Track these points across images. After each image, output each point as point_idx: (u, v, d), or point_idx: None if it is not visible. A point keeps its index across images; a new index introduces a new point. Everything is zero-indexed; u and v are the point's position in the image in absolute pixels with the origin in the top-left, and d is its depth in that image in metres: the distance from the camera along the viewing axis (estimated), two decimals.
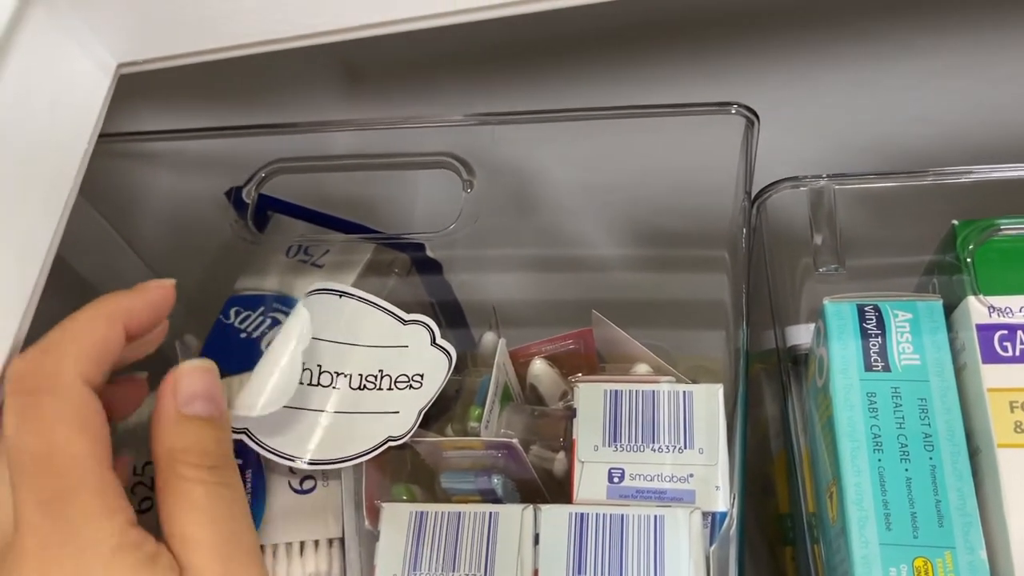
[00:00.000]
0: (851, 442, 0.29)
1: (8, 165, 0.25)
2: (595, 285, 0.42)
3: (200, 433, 0.25)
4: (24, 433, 0.23)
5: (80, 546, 0.22)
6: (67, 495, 0.23)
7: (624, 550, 0.28)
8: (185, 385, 0.25)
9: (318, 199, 0.42)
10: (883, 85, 0.45)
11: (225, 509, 0.24)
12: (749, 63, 0.45)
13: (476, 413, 0.32)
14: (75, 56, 0.28)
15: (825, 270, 0.31)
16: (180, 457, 0.24)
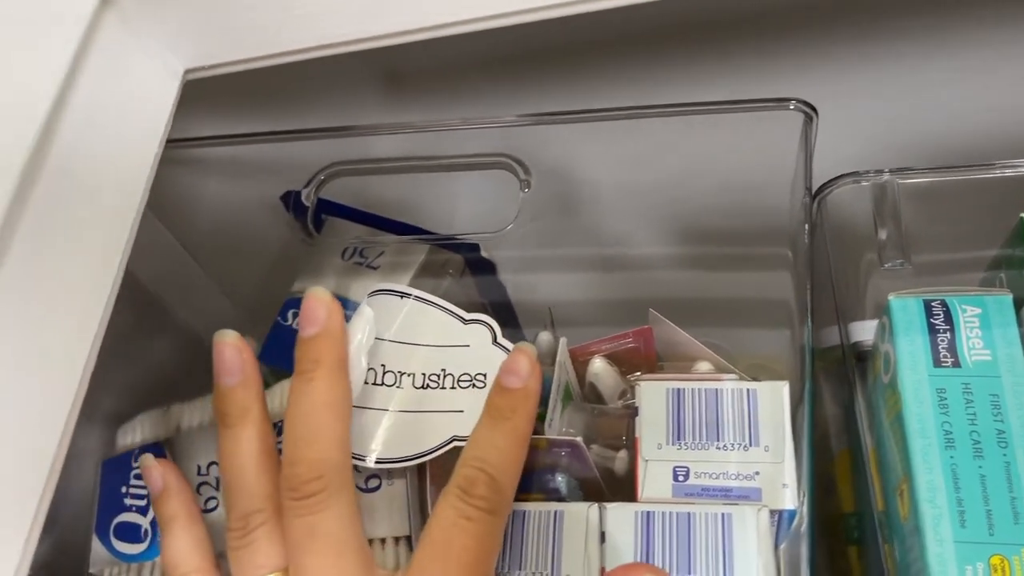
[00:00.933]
0: (922, 439, 0.28)
1: (84, 171, 0.25)
2: (649, 285, 0.42)
3: None
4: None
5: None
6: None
7: (692, 548, 0.28)
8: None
9: (366, 206, 0.42)
10: (933, 79, 0.44)
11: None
12: (789, 61, 0.45)
13: (539, 412, 0.32)
14: (145, 62, 0.28)
15: (891, 265, 0.31)
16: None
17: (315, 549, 0.26)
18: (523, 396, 0.29)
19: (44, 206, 0.23)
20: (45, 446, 0.24)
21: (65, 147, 0.24)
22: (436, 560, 0.26)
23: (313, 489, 0.26)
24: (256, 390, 0.30)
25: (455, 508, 0.26)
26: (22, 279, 0.23)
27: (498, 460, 0.27)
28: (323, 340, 0.28)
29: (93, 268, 0.26)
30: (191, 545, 0.30)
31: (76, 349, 0.25)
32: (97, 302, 0.26)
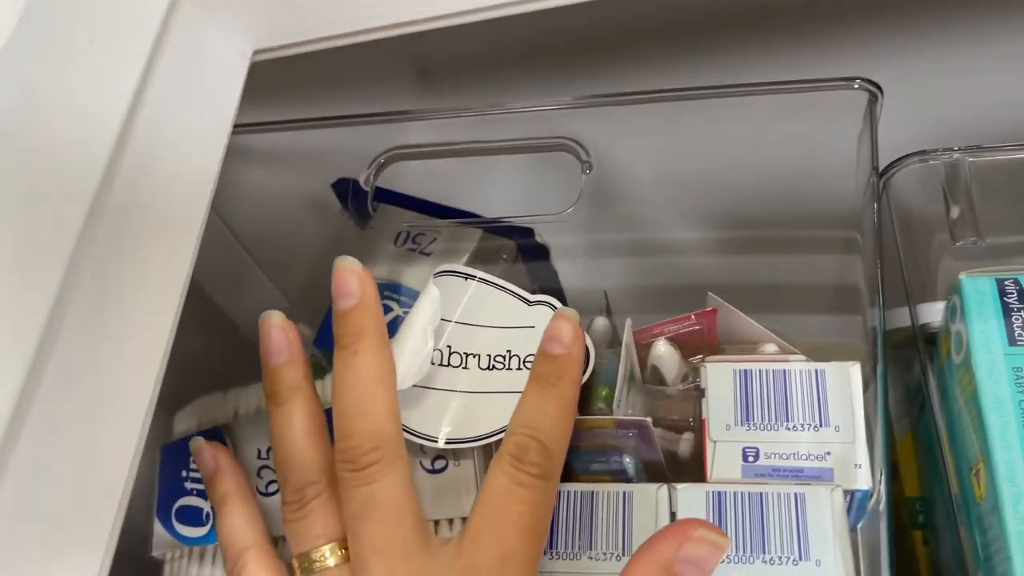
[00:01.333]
0: (999, 418, 0.28)
1: (168, 150, 0.26)
2: (704, 271, 0.42)
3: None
4: None
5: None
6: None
7: (765, 528, 0.28)
8: (693, 548, 0.25)
9: (414, 192, 0.42)
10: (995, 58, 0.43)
11: None
12: (851, 40, 0.44)
13: (604, 393, 0.31)
14: (218, 43, 0.28)
15: (963, 243, 0.31)
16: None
17: (374, 517, 0.26)
18: (568, 362, 0.29)
19: (128, 186, 0.24)
20: (125, 447, 0.24)
21: (148, 124, 0.25)
22: (491, 526, 0.26)
23: (370, 460, 0.26)
24: (304, 368, 0.30)
25: (508, 475, 0.27)
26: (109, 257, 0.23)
27: (547, 426, 0.28)
28: (361, 311, 0.28)
29: (170, 253, 0.27)
30: (246, 522, 0.31)
31: (159, 329, 0.25)
32: (174, 288, 0.26)
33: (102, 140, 0.21)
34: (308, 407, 0.30)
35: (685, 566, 0.25)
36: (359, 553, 0.26)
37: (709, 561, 0.25)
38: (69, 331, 0.21)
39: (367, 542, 0.26)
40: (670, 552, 0.25)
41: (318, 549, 0.28)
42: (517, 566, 0.25)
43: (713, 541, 0.25)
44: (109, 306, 0.23)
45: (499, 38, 0.51)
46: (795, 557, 0.27)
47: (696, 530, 0.25)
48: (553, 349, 0.29)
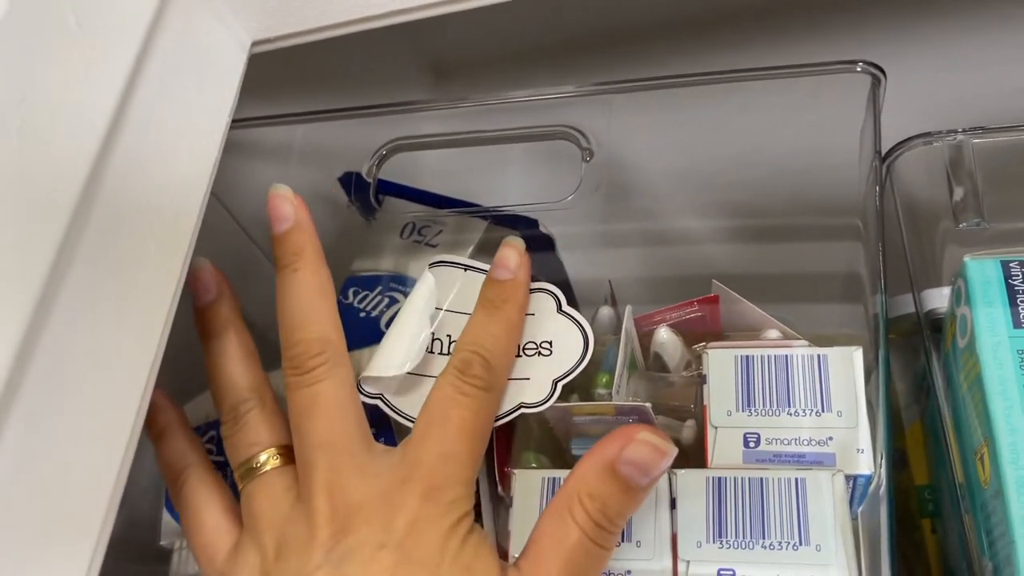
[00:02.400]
0: (1003, 400, 0.28)
1: (162, 142, 0.26)
2: (709, 260, 0.42)
3: (614, 493, 0.26)
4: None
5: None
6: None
7: (765, 513, 0.28)
8: (633, 449, 0.26)
9: (419, 185, 0.42)
10: (1000, 43, 0.43)
11: (584, 563, 0.26)
12: (851, 24, 0.44)
13: (604, 380, 0.31)
14: (216, 33, 0.28)
15: (967, 225, 0.30)
16: (584, 500, 0.26)
17: (317, 414, 0.27)
18: (513, 286, 0.31)
19: (120, 177, 0.24)
20: (117, 436, 0.24)
21: (141, 114, 0.25)
22: (434, 428, 0.27)
23: (315, 363, 0.28)
24: (233, 304, 0.33)
25: (452, 385, 0.28)
26: (100, 249, 0.23)
27: (492, 344, 0.29)
28: (297, 232, 0.31)
29: (167, 237, 0.27)
30: (186, 446, 0.32)
31: (152, 319, 0.25)
32: (170, 273, 0.27)
33: (91, 130, 0.22)
34: (239, 337, 0.31)
35: (627, 467, 0.26)
36: (303, 450, 0.27)
37: (652, 463, 0.26)
38: (58, 320, 0.21)
39: (311, 438, 0.27)
40: (613, 453, 0.26)
41: (255, 456, 0.29)
42: (457, 463, 0.27)
43: (655, 444, 0.26)
44: (101, 297, 0.23)
45: (513, 36, 0.51)
46: (795, 542, 0.27)
47: (639, 433, 0.26)
48: (500, 275, 0.31)
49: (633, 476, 0.26)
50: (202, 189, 0.28)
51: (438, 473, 0.26)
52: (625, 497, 0.26)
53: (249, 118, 0.43)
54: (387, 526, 0.25)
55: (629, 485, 0.26)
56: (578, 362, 0.30)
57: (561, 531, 0.26)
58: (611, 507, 0.26)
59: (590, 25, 0.50)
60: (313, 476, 0.27)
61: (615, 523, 0.26)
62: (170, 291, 0.26)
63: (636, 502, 0.26)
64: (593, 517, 0.25)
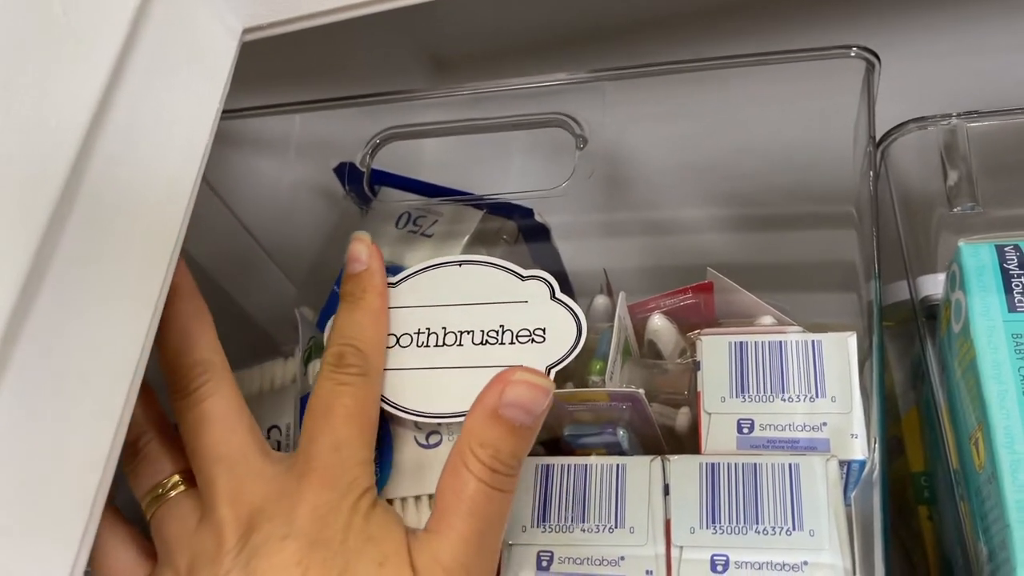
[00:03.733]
0: (998, 384, 0.27)
1: (150, 131, 0.26)
2: (705, 249, 0.42)
3: (503, 436, 0.26)
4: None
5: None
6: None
7: (759, 499, 0.28)
8: (512, 390, 0.27)
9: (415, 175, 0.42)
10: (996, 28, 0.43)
11: (487, 509, 0.26)
12: (846, 9, 0.43)
13: (598, 367, 0.31)
14: (205, 20, 0.28)
15: (961, 209, 0.30)
16: (475, 449, 0.26)
17: (208, 430, 0.28)
18: (368, 276, 0.32)
19: (106, 166, 0.24)
20: (105, 428, 0.24)
21: (128, 103, 0.25)
22: (320, 422, 0.28)
23: (198, 383, 0.28)
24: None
25: (330, 379, 0.29)
26: (85, 240, 0.23)
27: (359, 333, 0.31)
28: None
29: (154, 228, 0.27)
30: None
31: (139, 312, 0.25)
32: (158, 264, 0.26)
33: (77, 118, 0.21)
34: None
35: (509, 408, 0.26)
36: (201, 468, 0.28)
37: (532, 400, 0.26)
38: (42, 311, 0.21)
39: (206, 453, 0.28)
40: (494, 400, 0.26)
41: (160, 483, 0.29)
42: (348, 448, 0.28)
43: (532, 382, 0.27)
44: (86, 287, 0.23)
45: (513, 27, 0.51)
46: (788, 527, 0.27)
47: (515, 374, 0.27)
48: (354, 268, 0.33)
49: (517, 416, 0.26)
50: (191, 178, 0.28)
51: (332, 461, 0.27)
52: (514, 438, 0.26)
53: (245, 108, 0.43)
54: (290, 518, 0.26)
55: (514, 426, 0.26)
56: (571, 349, 0.30)
57: (459, 484, 0.26)
58: (502, 451, 0.26)
59: (589, 17, 0.50)
60: (214, 489, 0.27)
61: (509, 465, 0.26)
62: (158, 282, 0.26)
63: (526, 441, 0.27)
64: (487, 464, 0.26)
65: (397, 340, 0.32)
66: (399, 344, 0.32)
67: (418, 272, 0.34)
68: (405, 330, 0.32)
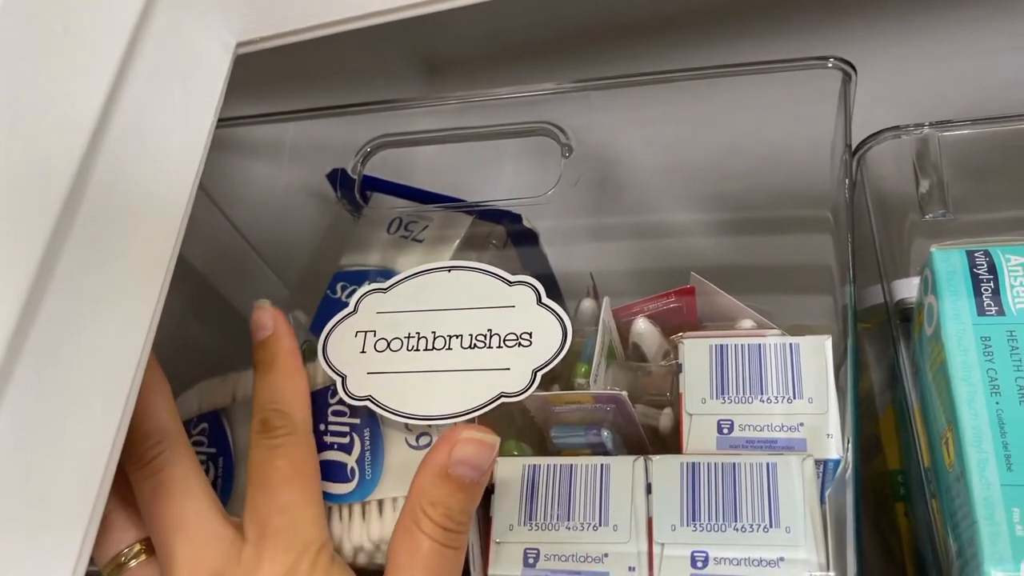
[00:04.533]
0: (967, 386, 0.28)
1: (146, 139, 0.27)
2: (690, 253, 0.43)
3: (452, 495, 0.27)
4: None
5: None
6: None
7: (738, 497, 0.29)
8: (460, 449, 0.28)
9: (407, 181, 0.43)
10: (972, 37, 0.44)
11: (440, 567, 0.27)
12: (827, 18, 0.44)
13: (583, 370, 0.32)
14: (200, 35, 0.29)
15: (933, 216, 0.31)
16: (427, 508, 0.27)
17: (163, 500, 0.29)
18: (275, 339, 0.33)
19: (107, 176, 0.25)
20: (105, 430, 0.25)
21: (127, 115, 0.25)
22: (262, 488, 0.29)
23: (154, 452, 0.29)
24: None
25: (261, 446, 0.30)
26: (88, 247, 0.24)
27: (280, 396, 0.31)
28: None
29: (153, 235, 0.27)
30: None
31: (139, 316, 0.26)
32: (157, 269, 0.27)
33: (79, 130, 0.22)
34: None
35: (459, 467, 0.27)
36: (159, 537, 0.28)
37: (480, 457, 0.27)
38: (47, 315, 0.21)
39: (165, 523, 0.28)
40: (443, 458, 0.27)
41: (121, 552, 0.30)
42: (294, 509, 0.29)
43: (478, 439, 0.28)
44: (89, 292, 0.24)
45: (506, 32, 0.52)
46: (766, 524, 0.28)
47: (462, 433, 0.28)
48: (259, 336, 0.33)
49: (466, 474, 0.27)
50: (188, 187, 0.29)
51: (282, 525, 0.28)
52: (464, 495, 0.27)
53: (238, 117, 0.44)
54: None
55: (464, 483, 0.27)
56: (556, 352, 0.31)
57: (413, 543, 0.27)
58: (453, 508, 0.27)
59: (578, 22, 0.51)
60: (173, 558, 0.28)
61: (460, 522, 0.27)
62: (157, 287, 0.27)
63: (475, 496, 0.28)
64: (439, 523, 0.27)
65: (388, 344, 0.33)
66: (390, 348, 0.33)
67: (409, 278, 0.35)
68: (396, 334, 0.33)
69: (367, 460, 0.32)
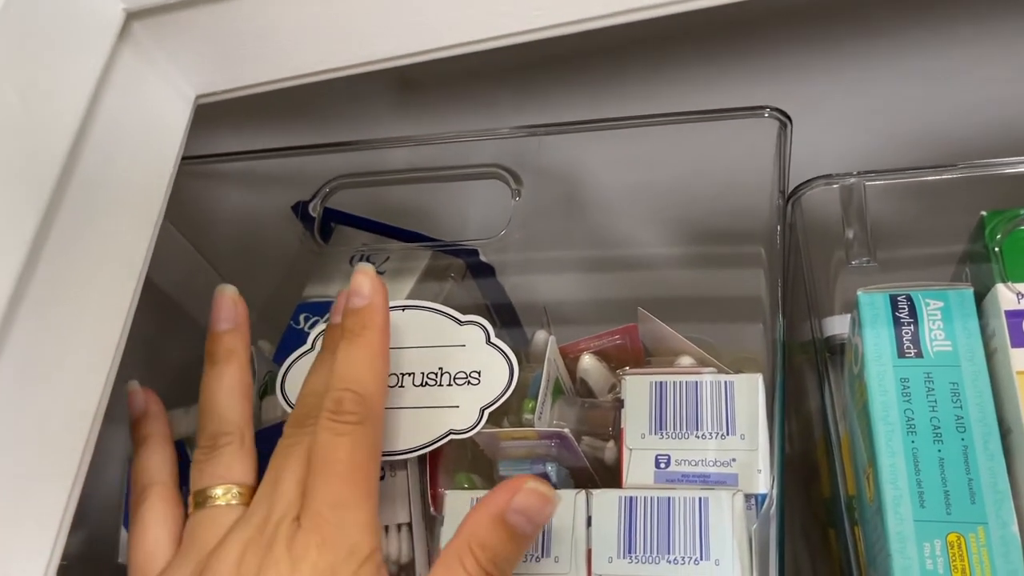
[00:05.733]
0: (885, 425, 0.30)
1: (108, 188, 0.28)
2: (640, 283, 0.44)
3: (505, 542, 0.27)
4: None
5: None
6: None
7: (671, 530, 0.30)
8: (522, 498, 0.27)
9: (376, 211, 0.45)
10: (923, 76, 0.46)
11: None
12: (787, 61, 0.46)
13: (530, 406, 0.34)
14: (160, 90, 0.31)
15: (857, 263, 0.33)
16: (475, 550, 0.27)
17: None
18: (370, 311, 0.31)
19: (71, 219, 0.26)
20: (74, 444, 0.26)
21: (89, 168, 0.27)
22: (319, 477, 0.27)
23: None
24: (244, 338, 0.33)
25: (328, 429, 0.28)
26: (51, 287, 0.25)
27: (358, 375, 0.29)
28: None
29: (116, 276, 0.29)
30: (160, 462, 0.33)
31: (101, 353, 0.27)
32: (120, 307, 0.29)
33: (41, 187, 0.24)
34: (240, 370, 0.32)
35: (516, 515, 0.27)
36: (312, 505, 0.27)
37: (539, 511, 0.27)
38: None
39: (319, 495, 0.27)
40: (503, 504, 0.27)
41: (217, 486, 0.30)
42: (347, 508, 0.27)
43: (541, 492, 0.28)
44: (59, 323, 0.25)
45: (481, 56, 0.53)
46: (696, 557, 0.30)
47: (527, 483, 0.28)
48: (355, 303, 0.31)
49: (521, 524, 0.27)
50: (150, 228, 0.30)
51: (331, 520, 0.27)
52: (513, 545, 0.27)
53: (204, 156, 0.45)
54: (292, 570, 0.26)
55: (516, 533, 0.27)
56: (503, 391, 0.33)
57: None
58: (500, 555, 0.27)
59: (548, 46, 0.52)
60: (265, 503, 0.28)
61: (503, 571, 0.27)
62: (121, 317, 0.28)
63: (522, 550, 0.28)
64: (484, 566, 0.26)
65: None
66: None
67: None
68: None
69: None
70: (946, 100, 0.46)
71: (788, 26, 0.44)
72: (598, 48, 0.50)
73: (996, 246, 0.32)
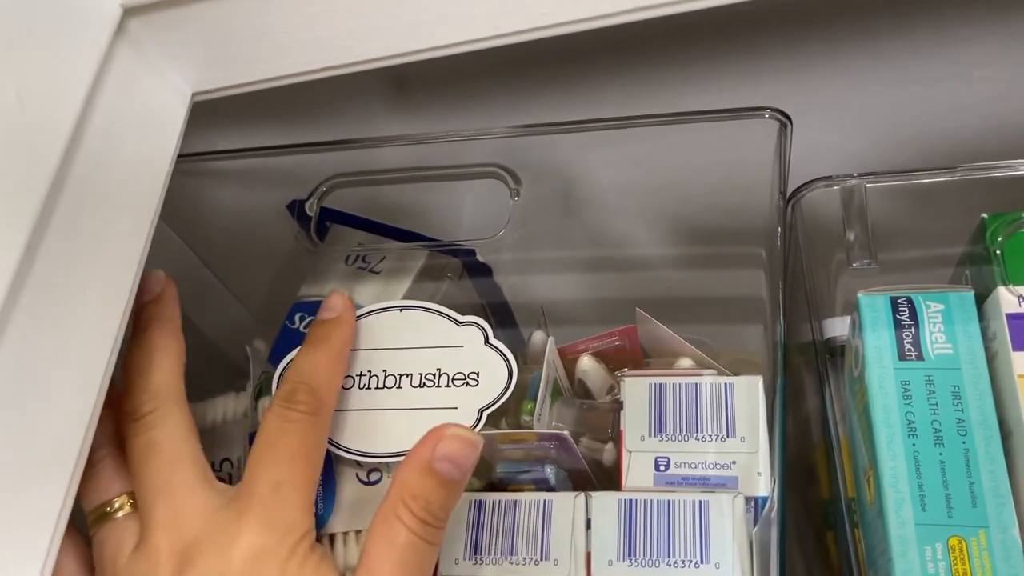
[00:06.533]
0: (886, 428, 0.30)
1: (104, 187, 0.28)
2: (639, 284, 0.44)
3: (434, 490, 0.28)
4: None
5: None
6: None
7: (671, 533, 0.30)
8: (445, 445, 0.28)
9: (373, 209, 0.44)
10: (923, 78, 0.46)
11: (415, 560, 0.27)
12: (788, 62, 0.46)
13: (528, 407, 0.34)
14: (156, 88, 0.30)
15: (858, 265, 0.33)
16: (407, 500, 0.28)
17: (151, 459, 0.29)
18: (336, 323, 0.33)
19: (67, 218, 0.26)
20: (69, 444, 0.26)
21: (86, 165, 0.27)
22: (263, 458, 0.29)
23: (147, 409, 0.29)
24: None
25: (278, 415, 0.30)
26: (48, 285, 0.25)
27: (314, 372, 0.31)
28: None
29: (113, 274, 0.29)
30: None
31: (98, 352, 0.27)
32: (117, 305, 0.29)
33: (37, 183, 0.23)
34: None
35: (443, 463, 0.28)
36: (143, 495, 0.29)
37: (465, 456, 0.28)
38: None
39: (149, 483, 0.29)
40: (429, 453, 0.28)
41: (108, 501, 0.30)
42: (290, 489, 0.28)
43: (464, 437, 0.28)
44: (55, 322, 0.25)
45: (475, 54, 0.53)
46: (697, 560, 0.30)
47: (448, 430, 0.28)
48: (324, 316, 0.34)
49: (449, 471, 0.28)
50: (146, 226, 0.30)
51: (272, 501, 0.28)
52: (444, 491, 0.28)
53: (199, 153, 0.45)
54: (226, 557, 0.27)
55: (446, 480, 0.28)
56: (502, 392, 0.32)
57: (389, 534, 0.27)
58: (434, 503, 0.28)
59: (544, 44, 0.52)
60: (152, 518, 0.28)
61: (439, 518, 0.28)
62: (112, 334, 0.28)
63: (455, 495, 0.28)
64: (418, 515, 0.27)
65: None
66: (342, 386, 0.34)
67: (361, 317, 0.36)
68: (348, 372, 0.34)
69: (319, 496, 0.33)
70: (946, 101, 0.46)
71: (788, 26, 0.43)
72: (598, 47, 0.50)
73: (997, 249, 0.31)
